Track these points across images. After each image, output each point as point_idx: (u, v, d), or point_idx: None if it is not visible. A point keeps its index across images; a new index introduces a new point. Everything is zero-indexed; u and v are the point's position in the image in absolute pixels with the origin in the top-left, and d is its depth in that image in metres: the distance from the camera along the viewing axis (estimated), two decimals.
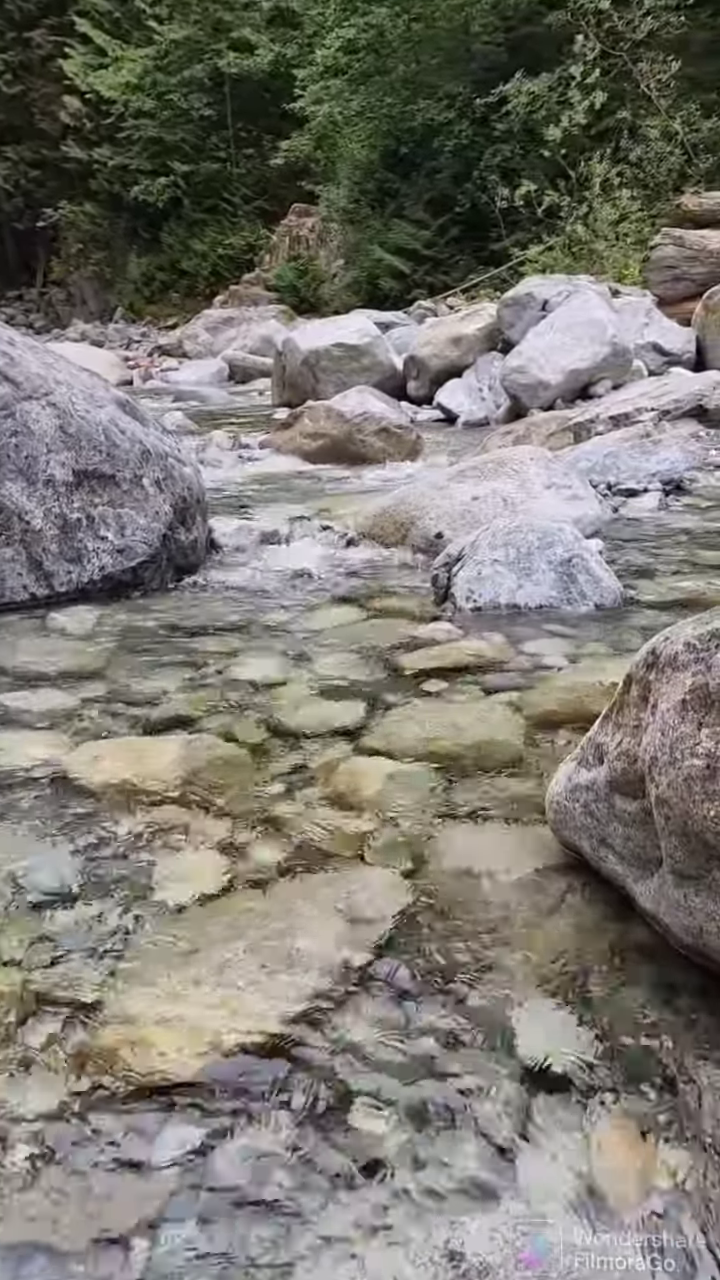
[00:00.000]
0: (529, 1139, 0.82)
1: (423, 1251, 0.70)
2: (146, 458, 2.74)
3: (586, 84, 12.90)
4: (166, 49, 23.12)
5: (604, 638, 2.17)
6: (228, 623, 2.37)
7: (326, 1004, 0.98)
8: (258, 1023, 0.95)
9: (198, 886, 1.20)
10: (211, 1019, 0.95)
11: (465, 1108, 0.86)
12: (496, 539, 2.52)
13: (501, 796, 1.44)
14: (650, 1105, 0.86)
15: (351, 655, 2.10)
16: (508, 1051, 0.92)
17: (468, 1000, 0.99)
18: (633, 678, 1.10)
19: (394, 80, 16.64)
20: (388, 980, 1.02)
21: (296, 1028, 0.95)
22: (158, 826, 1.36)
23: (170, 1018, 0.95)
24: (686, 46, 13.71)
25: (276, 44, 22.46)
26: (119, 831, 1.34)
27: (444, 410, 7.08)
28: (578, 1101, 0.86)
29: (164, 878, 1.22)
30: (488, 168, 14.95)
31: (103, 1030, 0.94)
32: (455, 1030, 0.95)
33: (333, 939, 1.09)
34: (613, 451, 4.23)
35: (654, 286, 8.17)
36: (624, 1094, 0.87)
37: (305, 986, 1.00)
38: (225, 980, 1.01)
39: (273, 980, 1.01)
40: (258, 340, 12.05)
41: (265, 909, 1.15)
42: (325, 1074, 0.89)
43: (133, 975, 1.03)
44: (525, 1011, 0.97)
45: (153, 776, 1.50)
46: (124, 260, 25.48)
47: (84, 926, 1.12)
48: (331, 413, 5.17)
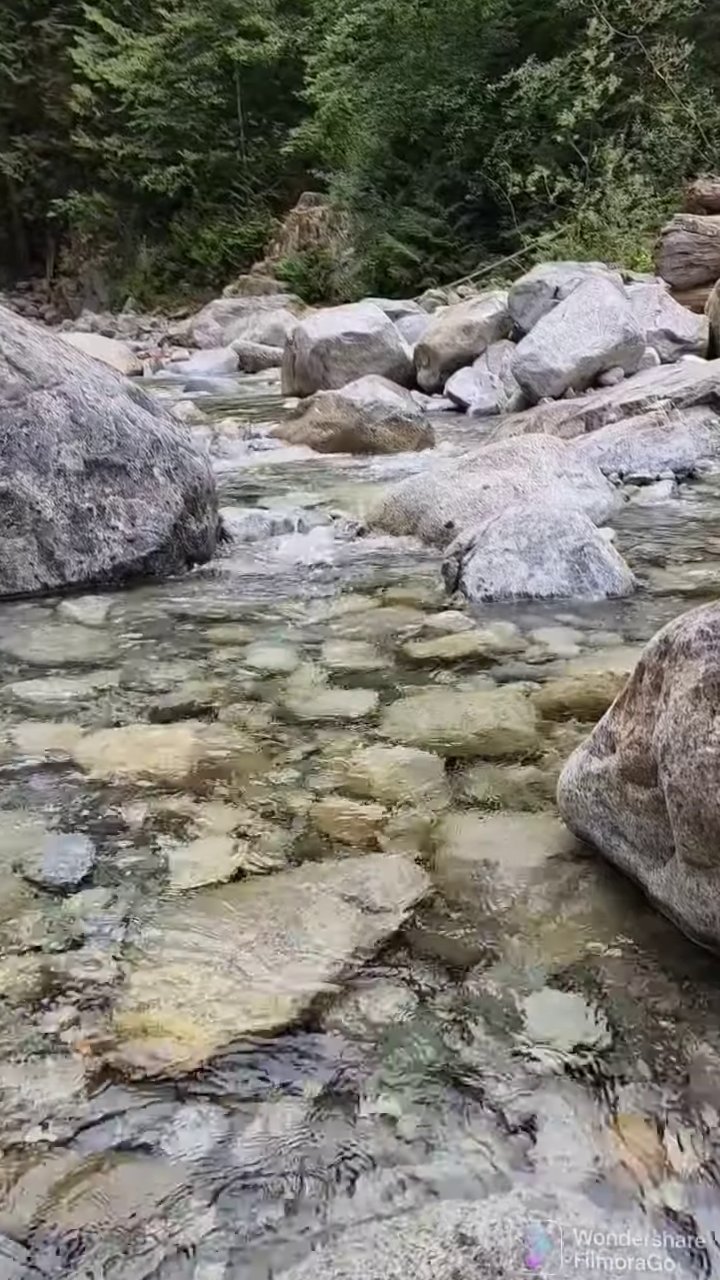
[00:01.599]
0: (541, 1125, 0.82)
1: (435, 1235, 0.70)
2: (157, 447, 2.74)
3: (599, 68, 12.76)
4: (176, 37, 23.01)
5: (615, 627, 2.17)
6: (238, 612, 2.37)
7: (339, 990, 0.99)
8: (271, 1008, 0.95)
9: (210, 874, 1.21)
10: (225, 1005, 0.96)
11: (477, 1094, 0.86)
12: (507, 528, 2.51)
13: (513, 785, 1.43)
14: (662, 1093, 0.86)
15: (362, 644, 2.10)
16: (520, 1039, 0.92)
17: (479, 988, 0.99)
18: (645, 666, 1.10)
19: (404, 66, 16.51)
20: (400, 967, 1.03)
21: (309, 1013, 0.95)
22: (170, 814, 1.36)
23: (184, 1003, 0.96)
24: (700, 29, 13.56)
25: (286, 31, 22.32)
26: (131, 819, 1.35)
27: (454, 399, 7.05)
28: (590, 1089, 0.86)
29: (176, 865, 1.23)
30: (499, 154, 14.82)
31: (118, 1015, 0.95)
32: (467, 1017, 0.95)
33: (345, 926, 1.09)
34: (624, 440, 4.20)
35: (666, 273, 8.09)
36: (636, 1082, 0.87)
37: (318, 973, 1.01)
38: (238, 966, 1.02)
39: (285, 966, 1.02)
40: (268, 330, 12.01)
41: (277, 896, 1.16)
42: (338, 1059, 0.90)
43: (147, 961, 1.03)
44: (537, 999, 0.97)
45: (164, 765, 1.51)
46: (134, 250, 25.44)
47: (97, 913, 1.13)
48: (342, 402, 5.16)
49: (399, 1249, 0.70)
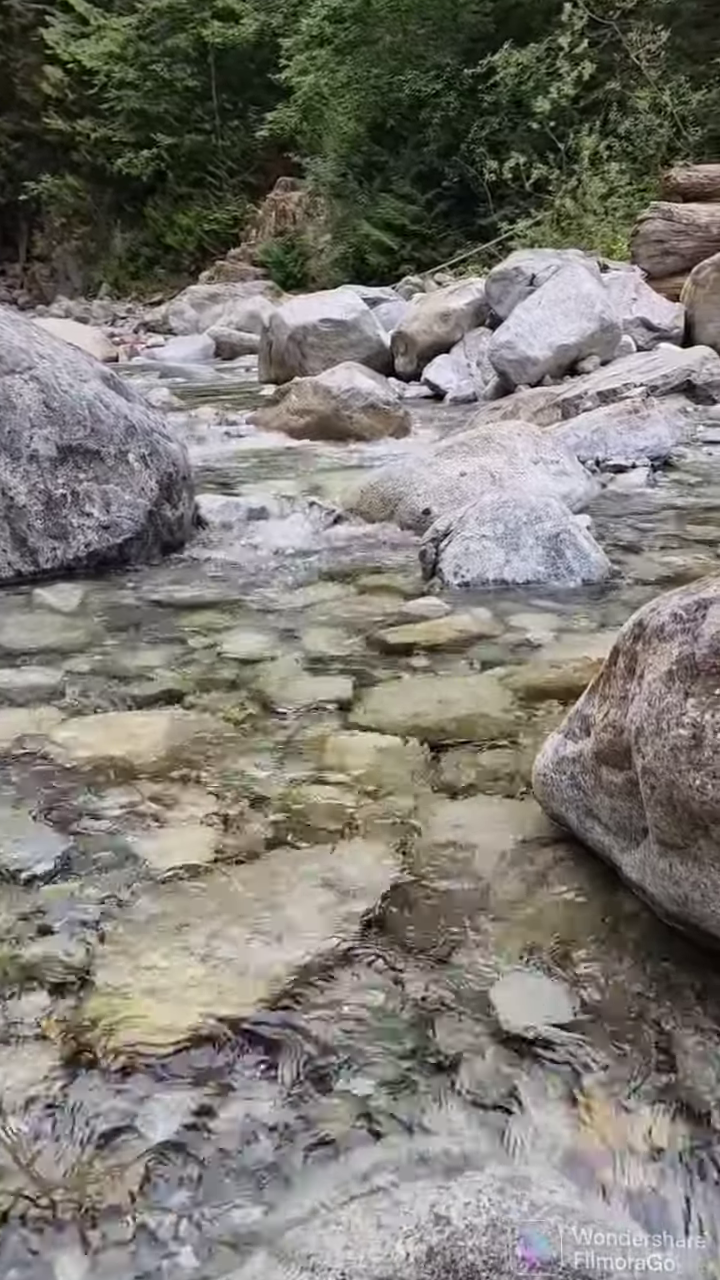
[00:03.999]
0: (514, 1105, 0.83)
1: (410, 1215, 0.70)
2: (132, 433, 2.72)
3: (575, 54, 12.74)
4: (149, 18, 22.70)
5: (591, 612, 2.18)
6: (215, 599, 2.36)
7: (314, 975, 0.99)
8: (246, 993, 0.95)
9: (185, 860, 1.20)
10: (200, 990, 0.95)
11: (451, 1075, 0.86)
12: (484, 515, 2.51)
13: (489, 769, 1.44)
14: (635, 1073, 0.87)
15: (339, 631, 2.10)
16: (494, 1021, 0.92)
17: (454, 971, 1.00)
18: (619, 649, 1.10)
19: (380, 50, 16.38)
20: (375, 951, 1.03)
21: (284, 998, 0.95)
22: (145, 801, 1.35)
23: (158, 989, 0.95)
24: (676, 16, 13.56)
25: (261, 13, 22.08)
26: (106, 807, 1.34)
27: (432, 386, 7.04)
28: (563, 1069, 0.87)
29: (151, 852, 1.22)
30: (475, 140, 14.78)
31: (91, 1002, 0.94)
32: (442, 1001, 0.95)
33: (320, 911, 1.09)
34: (601, 427, 4.22)
35: (642, 261, 8.12)
36: (609, 1062, 0.87)
37: (293, 958, 1.01)
38: (213, 952, 1.02)
39: (261, 952, 1.02)
40: (244, 316, 11.93)
41: (253, 882, 1.15)
42: (313, 1043, 0.90)
43: (121, 948, 1.03)
44: (512, 981, 0.98)
45: (140, 752, 1.50)
46: (108, 235, 25.16)
47: (71, 901, 1.12)
48: (319, 389, 5.13)
49: (374, 1229, 0.70)
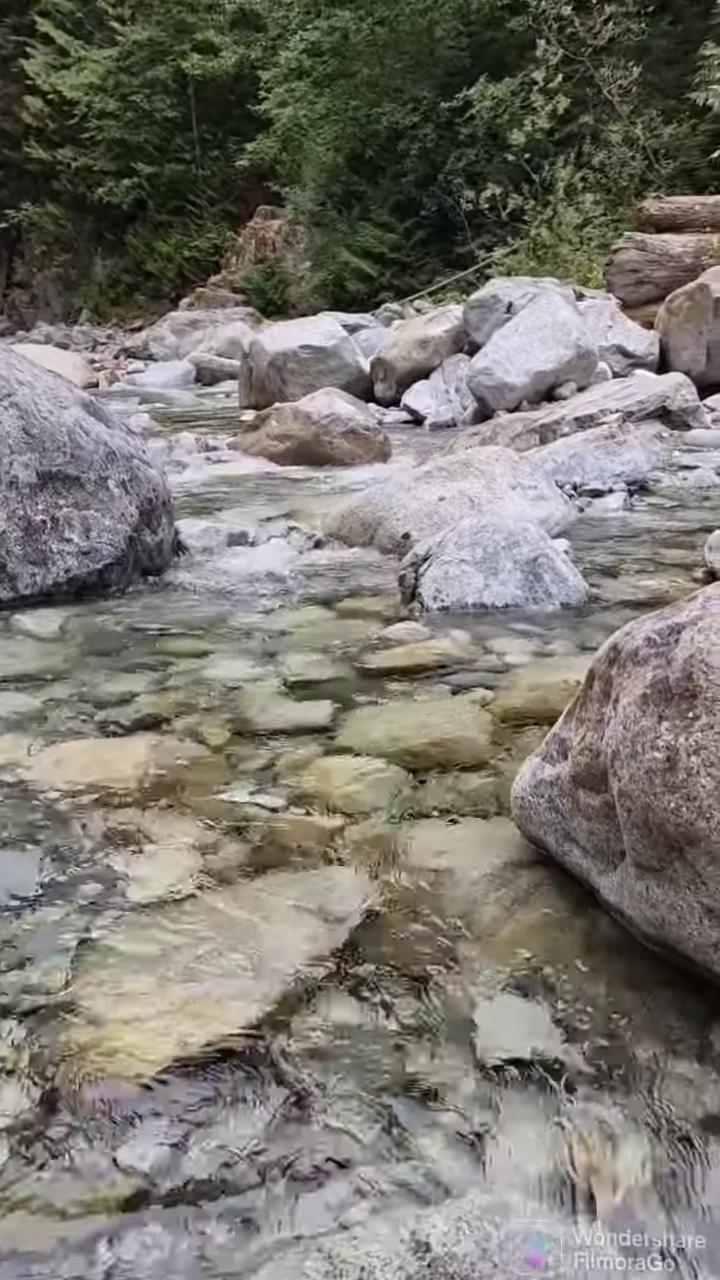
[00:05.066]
0: (495, 1133, 0.83)
1: (390, 1243, 0.70)
2: (112, 459, 2.73)
3: (549, 89, 13.01)
4: (129, 50, 22.98)
5: (569, 636, 2.20)
6: (195, 624, 2.36)
7: (294, 1002, 0.98)
8: (225, 1022, 0.95)
9: (165, 887, 1.20)
10: (179, 1019, 0.95)
11: (432, 1102, 0.86)
12: (463, 539, 2.53)
13: (468, 793, 1.44)
14: (615, 1097, 0.87)
15: (319, 655, 2.11)
16: (474, 1046, 0.92)
17: (434, 996, 1.00)
18: (595, 673, 1.11)
19: (358, 83, 16.66)
20: (356, 976, 1.03)
21: (264, 1026, 0.95)
22: (124, 828, 1.35)
23: (137, 1019, 0.95)
24: (647, 53, 13.89)
25: (240, 46, 22.40)
26: (85, 834, 1.33)
27: (411, 412, 7.11)
28: (543, 1095, 0.87)
29: (131, 879, 1.21)
30: (453, 171, 15.02)
31: (68, 1033, 0.94)
32: (422, 1026, 0.96)
33: (301, 938, 1.09)
34: (578, 452, 4.27)
35: (617, 289, 8.26)
36: (589, 1086, 0.88)
37: (273, 985, 1.00)
38: (193, 980, 1.01)
39: (240, 979, 1.01)
40: (224, 342, 12.02)
41: (233, 909, 1.15)
42: (293, 1072, 0.89)
43: (99, 977, 1.02)
44: (491, 1006, 0.98)
45: (119, 778, 1.49)
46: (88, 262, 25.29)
47: (49, 930, 1.11)
48: (299, 414, 5.17)
49: (354, 1258, 0.69)
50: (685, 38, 13.69)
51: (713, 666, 0.90)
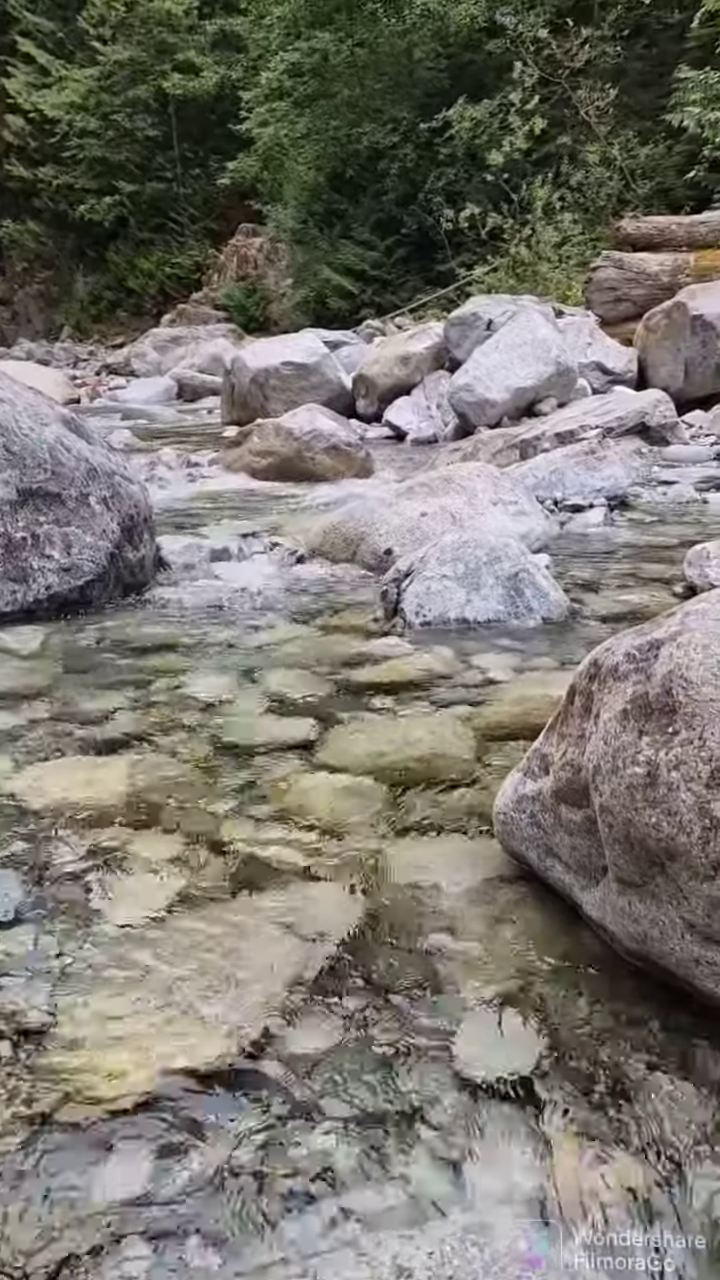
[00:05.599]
0: (478, 1152, 0.82)
1: (373, 1268, 0.69)
2: (93, 476, 2.72)
3: (526, 110, 13.19)
4: (110, 69, 23.12)
5: (551, 651, 2.20)
6: (177, 640, 2.35)
7: (275, 1022, 0.98)
8: (206, 1044, 0.94)
9: (145, 907, 1.19)
10: (160, 1041, 0.94)
11: (415, 1122, 0.85)
12: (445, 554, 2.54)
13: (451, 809, 1.44)
14: (598, 1114, 0.87)
15: (301, 671, 2.10)
16: (458, 1064, 0.92)
17: (417, 1014, 0.99)
18: (576, 689, 1.12)
19: (339, 104, 16.83)
20: (338, 995, 1.02)
21: (245, 1047, 0.94)
22: (105, 847, 1.34)
23: (117, 1040, 0.94)
24: (623, 75, 14.11)
25: (221, 66, 22.59)
26: (65, 853, 1.32)
27: (393, 428, 7.14)
28: (527, 1112, 0.86)
29: (111, 899, 1.20)
30: (432, 190, 15.18)
31: (49, 1055, 0.92)
32: (406, 1046, 0.95)
33: (283, 955, 1.08)
34: (558, 468, 4.30)
35: (596, 307, 8.34)
36: (571, 1104, 0.87)
37: (254, 1005, 1.00)
38: (173, 1001, 1.00)
39: (222, 999, 1.00)
40: (206, 359, 12.05)
41: (214, 928, 1.14)
42: (274, 1093, 0.89)
43: (79, 999, 1.01)
44: (474, 1024, 0.97)
45: (100, 797, 1.48)
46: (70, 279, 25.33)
47: (29, 951, 1.10)
48: (281, 430, 5.18)
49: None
50: (660, 60, 13.92)
51: (691, 682, 0.91)
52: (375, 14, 15.90)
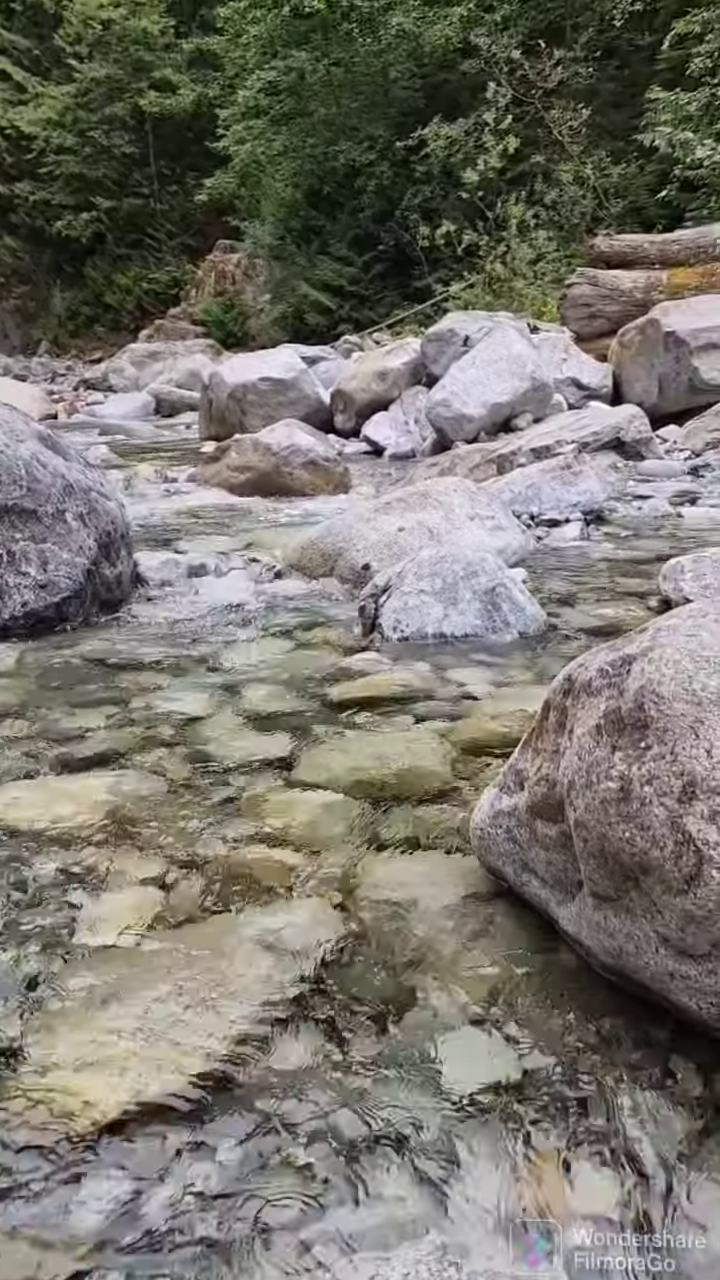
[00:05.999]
0: (458, 1169, 0.82)
1: None
2: (69, 492, 2.71)
3: (500, 129, 13.36)
4: (87, 87, 23.23)
5: (528, 665, 2.22)
6: (154, 657, 2.34)
7: (254, 1042, 0.97)
8: (183, 1064, 0.93)
9: (122, 926, 1.18)
10: (136, 1062, 0.93)
11: (394, 1141, 0.85)
12: (422, 569, 2.55)
13: (429, 825, 1.45)
14: (577, 1131, 0.87)
15: (280, 687, 2.10)
16: (437, 1082, 0.92)
17: (396, 1031, 0.99)
18: (550, 704, 1.13)
19: (315, 122, 16.98)
20: (317, 1013, 1.02)
21: (223, 1067, 0.93)
22: (81, 867, 1.33)
23: (93, 1063, 0.93)
24: (596, 96, 14.33)
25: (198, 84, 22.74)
26: (41, 873, 1.31)
27: (371, 443, 7.18)
28: (505, 1128, 0.86)
29: (87, 919, 1.19)
30: (409, 208, 15.33)
31: (22, 1078, 0.91)
32: (384, 1062, 0.95)
33: (260, 975, 1.08)
34: (535, 483, 4.33)
35: (571, 323, 8.44)
36: (550, 1119, 0.87)
37: (232, 1025, 0.99)
38: (150, 1022, 0.99)
39: (199, 1020, 1.00)
40: (184, 374, 12.06)
41: (192, 947, 1.14)
42: (253, 1114, 0.88)
43: (54, 1021, 1.00)
44: (453, 1040, 0.97)
45: (77, 816, 1.47)
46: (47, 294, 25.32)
47: (3, 972, 1.09)
48: (259, 446, 5.20)
49: None
50: (632, 81, 14.15)
51: (663, 697, 0.92)
52: (351, 34, 16.07)
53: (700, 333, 6.27)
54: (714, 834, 0.85)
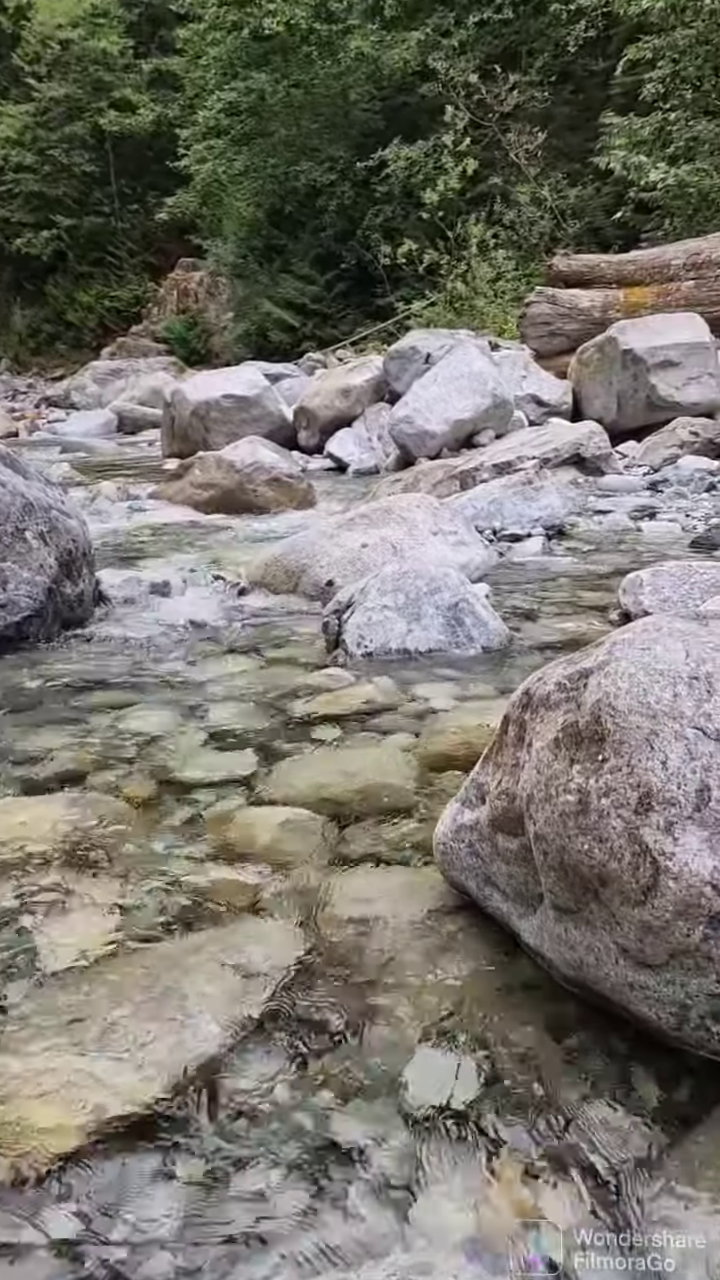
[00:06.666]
0: (421, 1187, 0.82)
1: None
2: (29, 511, 2.69)
3: (459, 151, 13.57)
4: (46, 106, 23.21)
5: (491, 679, 2.23)
6: (117, 676, 2.33)
7: (216, 1065, 0.96)
8: (144, 1089, 0.92)
9: (82, 949, 1.16)
10: (95, 1088, 0.92)
11: (358, 1160, 0.85)
12: (386, 585, 2.56)
13: (393, 840, 1.45)
14: (540, 1144, 0.87)
15: (244, 704, 2.09)
16: (399, 1099, 0.92)
17: (359, 1050, 0.99)
18: (510, 718, 1.14)
19: (276, 142, 17.12)
20: (279, 1034, 1.01)
21: (184, 1093, 0.92)
22: (41, 890, 1.31)
23: (50, 1090, 0.91)
24: (551, 119, 14.61)
25: (158, 104, 22.82)
26: (1, 895, 1.29)
27: (335, 459, 7.21)
28: (468, 1146, 0.86)
29: (47, 943, 1.18)
30: (370, 227, 15.49)
31: None
32: (348, 1081, 0.94)
33: (223, 996, 1.07)
34: (497, 498, 4.38)
35: (530, 341, 8.55)
36: (513, 1135, 0.88)
37: (194, 1047, 0.98)
38: (110, 1046, 0.98)
39: (160, 1043, 0.99)
40: (147, 391, 12.03)
41: (153, 969, 1.12)
42: (215, 1138, 0.87)
43: (10, 1047, 0.98)
44: (416, 1057, 0.97)
45: (36, 838, 1.45)
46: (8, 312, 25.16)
47: None
48: (222, 463, 5.19)
49: None
50: (587, 105, 14.46)
51: (619, 710, 0.93)
52: (310, 57, 16.25)
53: (657, 350, 6.39)
54: (670, 844, 0.86)
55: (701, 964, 0.85)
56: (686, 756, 0.88)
